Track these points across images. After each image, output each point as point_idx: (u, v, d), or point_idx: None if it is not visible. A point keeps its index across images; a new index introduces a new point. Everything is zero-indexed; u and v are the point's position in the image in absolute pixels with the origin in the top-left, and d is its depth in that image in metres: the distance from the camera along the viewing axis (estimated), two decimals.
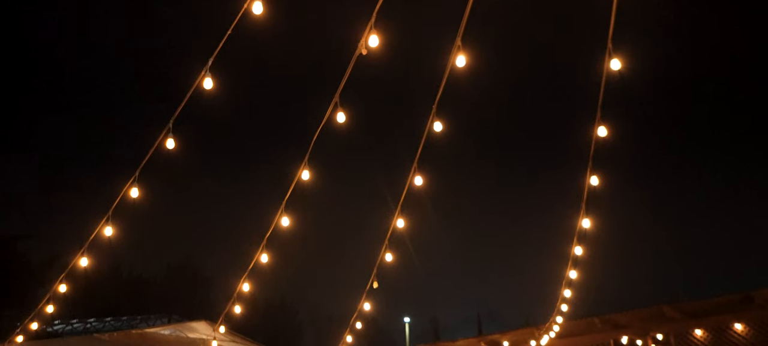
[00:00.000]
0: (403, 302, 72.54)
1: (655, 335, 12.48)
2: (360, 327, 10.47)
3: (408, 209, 7.57)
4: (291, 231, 7.17)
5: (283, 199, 6.78)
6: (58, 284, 7.52)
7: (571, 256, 8.21)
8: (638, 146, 57.15)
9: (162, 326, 18.57)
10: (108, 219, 6.42)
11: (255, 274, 7.92)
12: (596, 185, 6.56)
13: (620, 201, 54.29)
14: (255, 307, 42.39)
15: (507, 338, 13.88)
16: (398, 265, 8.31)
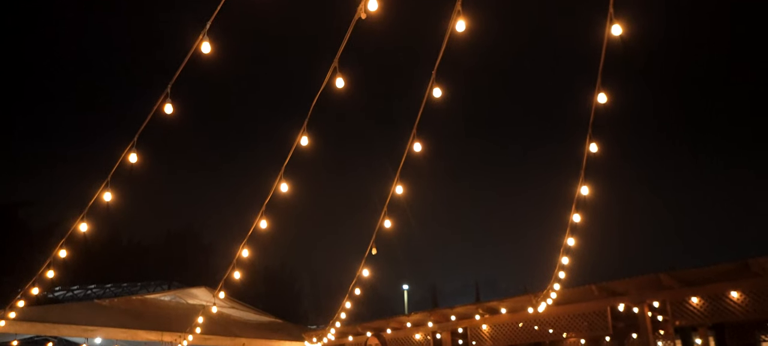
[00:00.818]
0: (402, 270, 72.87)
1: (652, 302, 12.54)
2: (359, 293, 10.55)
3: (407, 176, 7.59)
4: (290, 197, 7.18)
5: (283, 165, 6.78)
6: (58, 249, 7.55)
7: (569, 223, 8.24)
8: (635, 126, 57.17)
9: (162, 293, 18.69)
10: (107, 184, 6.43)
11: (254, 240, 7.96)
12: (595, 151, 6.56)
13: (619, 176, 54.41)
14: (255, 274, 42.68)
15: (505, 305, 13.98)
16: (397, 232, 8.35)
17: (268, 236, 7.98)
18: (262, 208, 7.23)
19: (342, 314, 12.85)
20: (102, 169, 6.69)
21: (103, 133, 57.36)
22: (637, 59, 7.63)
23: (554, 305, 12.79)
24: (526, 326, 14.06)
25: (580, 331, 13.18)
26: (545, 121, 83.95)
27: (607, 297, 12.66)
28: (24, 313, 12.70)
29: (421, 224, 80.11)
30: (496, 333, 14.54)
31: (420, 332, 15.85)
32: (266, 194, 7.29)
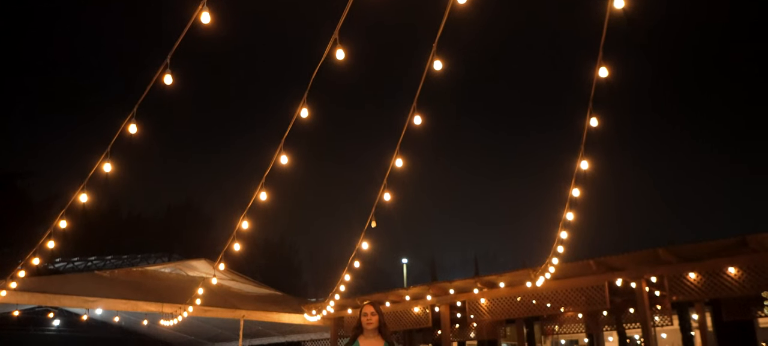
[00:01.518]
0: (402, 244, 73.14)
1: (650, 277, 12.60)
2: (358, 266, 10.60)
3: (407, 149, 7.59)
4: (290, 169, 7.19)
5: (282, 137, 6.78)
6: (58, 220, 7.57)
7: (568, 198, 8.26)
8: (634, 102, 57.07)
9: (162, 265, 18.78)
10: (107, 155, 6.43)
11: (254, 212, 7.98)
12: (596, 125, 6.55)
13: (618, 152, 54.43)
14: (254, 247, 42.88)
15: (503, 279, 14.04)
16: (397, 206, 8.37)
17: (268, 208, 8.00)
18: (261, 180, 7.24)
19: (341, 286, 12.92)
20: (102, 140, 6.70)
21: (102, 106, 57.33)
22: (639, 33, 7.59)
23: (552, 279, 12.85)
24: (524, 300, 14.15)
25: (578, 305, 13.25)
26: (546, 96, 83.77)
27: (605, 272, 12.72)
28: (25, 283, 12.77)
29: (421, 199, 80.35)
30: (494, 307, 14.63)
31: (418, 306, 15.95)
32: (266, 167, 7.30)
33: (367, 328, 5.09)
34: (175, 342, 25.63)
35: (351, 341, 5.15)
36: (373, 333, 5.10)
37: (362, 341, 5.10)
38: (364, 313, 5.16)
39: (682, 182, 74.17)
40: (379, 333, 5.13)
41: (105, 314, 19.77)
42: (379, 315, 5.16)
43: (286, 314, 18.00)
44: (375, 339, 5.09)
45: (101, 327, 23.42)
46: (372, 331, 5.10)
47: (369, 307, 5.21)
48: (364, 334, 5.13)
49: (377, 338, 5.10)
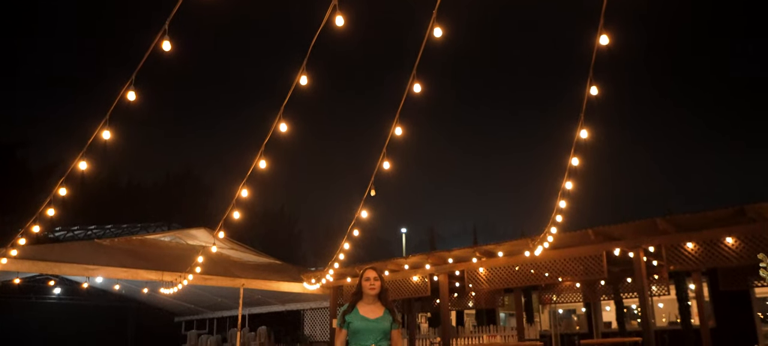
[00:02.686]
0: (401, 213, 73.37)
1: (647, 247, 12.64)
2: (357, 235, 10.63)
3: (407, 117, 7.57)
4: (290, 138, 7.17)
5: (282, 105, 6.75)
6: (58, 187, 7.57)
7: (567, 167, 8.25)
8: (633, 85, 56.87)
9: (162, 233, 18.83)
10: (106, 122, 6.41)
11: (254, 180, 7.98)
12: (596, 94, 6.53)
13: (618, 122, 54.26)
14: (254, 216, 42.97)
15: (502, 249, 14.09)
16: (396, 174, 8.37)
17: (268, 177, 8.00)
18: (261, 147, 7.23)
19: (340, 255, 12.97)
20: (101, 108, 6.68)
21: (102, 73, 57.08)
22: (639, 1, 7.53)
23: (551, 249, 12.89)
24: (523, 269, 14.22)
25: (576, 275, 13.32)
26: (547, 66, 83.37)
27: (603, 242, 12.76)
28: (26, 252, 12.82)
29: (421, 169, 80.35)
30: (492, 276, 14.71)
31: (418, 275, 16.03)
32: (265, 135, 7.28)
33: (369, 293, 4.88)
34: (176, 310, 25.83)
35: (350, 306, 4.93)
36: (373, 299, 4.90)
37: (362, 307, 4.90)
38: (367, 278, 4.92)
39: (681, 155, 74.25)
40: (379, 299, 4.93)
41: (105, 283, 19.88)
42: (381, 281, 4.95)
43: (285, 283, 18.10)
44: (375, 305, 4.90)
45: (101, 295, 23.58)
46: (373, 297, 4.89)
47: (372, 272, 4.98)
48: (364, 299, 4.93)
49: (377, 304, 4.91)
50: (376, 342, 4.75)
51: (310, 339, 22.78)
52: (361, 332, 4.77)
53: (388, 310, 4.90)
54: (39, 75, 61.87)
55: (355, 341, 4.80)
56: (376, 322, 4.79)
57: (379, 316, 4.83)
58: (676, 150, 75.41)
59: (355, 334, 4.80)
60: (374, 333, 4.76)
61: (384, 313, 4.86)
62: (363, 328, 4.77)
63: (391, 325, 4.86)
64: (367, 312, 4.84)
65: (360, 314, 4.84)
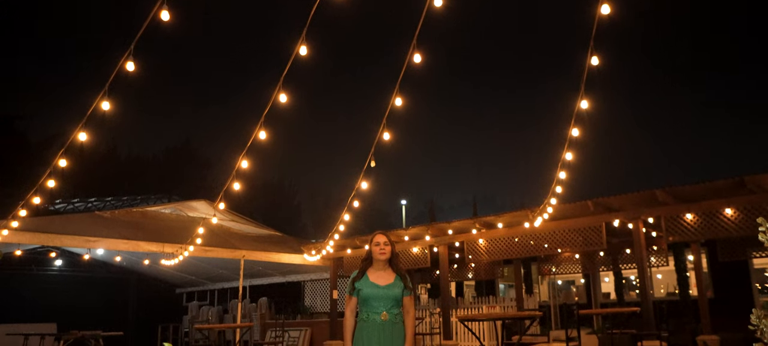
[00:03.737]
0: (401, 185, 73.52)
1: (647, 218, 12.68)
2: (357, 206, 10.65)
3: (406, 88, 7.54)
4: (289, 109, 7.15)
5: (281, 75, 6.73)
6: (58, 158, 7.57)
7: (567, 137, 8.24)
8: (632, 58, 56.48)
9: (162, 205, 18.86)
10: (105, 93, 6.39)
11: (254, 151, 7.96)
12: (597, 64, 6.49)
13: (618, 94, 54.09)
14: (254, 188, 43.04)
15: (501, 220, 14.13)
16: (396, 146, 8.36)
17: (268, 148, 7.99)
18: (261, 118, 7.21)
19: (340, 226, 13.00)
20: (100, 79, 6.65)
21: (101, 44, 56.83)
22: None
23: (550, 220, 12.93)
24: (522, 240, 14.27)
25: (575, 246, 13.37)
26: (548, 40, 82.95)
27: (603, 213, 12.79)
28: (27, 223, 12.85)
29: (421, 142, 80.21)
30: (492, 247, 14.78)
31: (417, 246, 16.10)
32: (265, 106, 7.26)
33: (379, 258, 4.68)
34: (177, 282, 25.97)
35: (360, 273, 4.74)
36: (383, 265, 4.71)
37: (372, 273, 4.71)
38: (376, 242, 4.73)
39: (680, 132, 74.28)
40: (390, 265, 4.74)
41: (106, 254, 19.96)
42: (391, 246, 4.78)
43: (285, 254, 18.18)
44: (386, 271, 4.71)
45: (103, 267, 23.69)
46: (383, 262, 4.70)
47: (382, 236, 4.80)
48: (374, 265, 4.73)
49: (388, 270, 4.73)
50: (387, 309, 4.58)
51: (311, 310, 22.93)
52: (371, 299, 4.61)
53: (399, 276, 4.72)
54: (38, 46, 61.57)
55: (366, 309, 4.63)
56: (387, 288, 4.63)
57: (390, 282, 4.66)
58: (676, 124, 75.43)
59: (365, 301, 4.64)
60: (385, 300, 4.60)
61: (395, 279, 4.69)
62: (373, 295, 4.60)
63: (403, 291, 4.68)
64: (378, 278, 4.67)
65: (370, 280, 4.67)
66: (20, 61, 56.91)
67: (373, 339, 4.51)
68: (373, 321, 4.55)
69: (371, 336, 4.51)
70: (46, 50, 63.06)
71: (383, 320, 4.54)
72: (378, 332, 4.51)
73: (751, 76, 71.15)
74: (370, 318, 4.57)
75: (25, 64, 58.28)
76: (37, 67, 60.07)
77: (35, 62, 60.12)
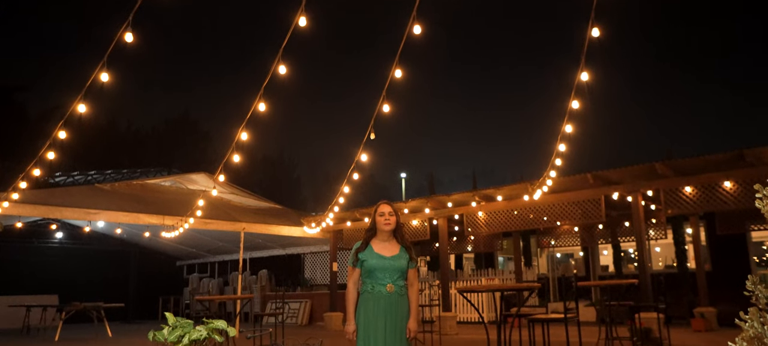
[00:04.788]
0: (400, 159, 73.54)
1: (646, 191, 12.71)
2: (357, 178, 10.67)
3: (407, 61, 7.52)
4: (289, 81, 7.14)
5: (281, 46, 6.70)
6: (57, 130, 7.57)
7: (567, 109, 8.24)
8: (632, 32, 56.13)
9: (162, 178, 18.88)
10: (104, 64, 6.38)
11: (254, 124, 7.97)
12: (598, 36, 6.47)
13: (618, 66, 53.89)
14: (254, 162, 43.07)
15: (501, 193, 14.16)
16: (396, 119, 8.36)
17: (268, 121, 7.99)
18: (260, 90, 7.20)
19: (340, 199, 13.04)
20: (100, 51, 6.63)
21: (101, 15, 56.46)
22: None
23: (549, 193, 12.96)
24: (522, 213, 14.31)
25: (574, 219, 13.41)
26: (548, 13, 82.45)
27: (602, 186, 12.81)
28: (27, 196, 12.89)
29: (421, 116, 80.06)
30: (491, 220, 14.82)
31: (417, 219, 16.14)
32: (265, 78, 7.25)
33: (384, 229, 4.50)
34: (177, 254, 26.08)
35: (364, 244, 4.55)
36: (388, 236, 4.54)
37: (376, 244, 4.53)
38: (381, 212, 4.56)
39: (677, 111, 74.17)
40: (394, 236, 4.57)
41: (107, 227, 20.03)
42: (396, 216, 4.58)
43: (285, 227, 18.24)
44: (390, 243, 4.54)
45: (103, 239, 23.78)
46: (388, 233, 4.52)
47: (387, 206, 4.61)
48: (378, 236, 4.56)
49: (392, 241, 4.55)
50: (393, 281, 4.42)
51: (311, 282, 23.07)
52: (376, 270, 4.43)
53: (404, 247, 4.56)
54: (37, 18, 61.15)
55: (370, 281, 4.46)
56: (393, 260, 4.46)
57: (395, 253, 4.49)
58: (674, 104, 75.31)
59: (370, 273, 4.46)
60: (390, 272, 4.43)
61: (400, 250, 4.51)
62: (379, 266, 4.43)
63: (408, 263, 4.51)
64: (383, 249, 4.49)
65: (375, 251, 4.49)
66: (19, 33, 56.56)
67: (378, 311, 4.37)
68: (379, 293, 4.40)
69: (376, 309, 4.37)
70: (46, 20, 62.63)
71: (389, 292, 4.39)
72: (383, 305, 4.38)
73: (750, 55, 70.89)
74: (375, 290, 4.42)
75: (25, 35, 57.93)
76: (36, 39, 59.72)
77: (34, 33, 59.73)
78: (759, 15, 63.99)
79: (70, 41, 66.59)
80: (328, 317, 17.48)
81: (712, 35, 73.14)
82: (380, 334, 4.32)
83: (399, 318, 4.39)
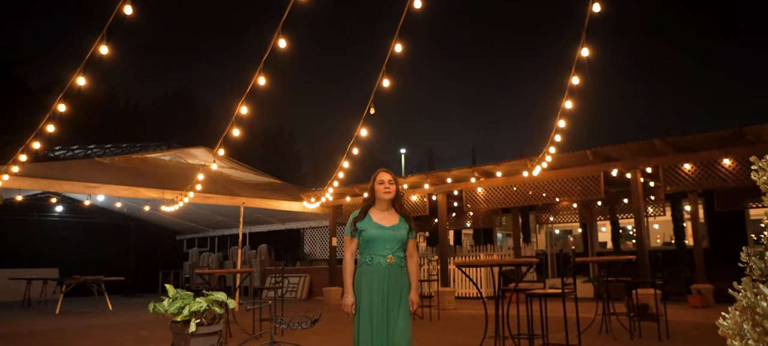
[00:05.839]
0: (400, 134, 73.50)
1: (645, 168, 12.72)
2: (357, 153, 10.67)
3: (407, 37, 7.49)
4: (289, 55, 7.12)
5: (281, 20, 6.67)
6: (57, 103, 7.56)
7: (567, 85, 8.22)
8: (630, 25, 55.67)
9: (162, 152, 18.89)
10: (103, 37, 6.35)
11: (253, 98, 7.95)
12: (598, 11, 6.44)
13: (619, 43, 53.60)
14: (254, 136, 43.06)
15: (500, 169, 14.18)
16: (396, 95, 8.35)
17: (267, 95, 7.98)
18: (260, 63, 7.18)
19: (340, 173, 13.05)
20: (99, 24, 6.60)
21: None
22: None
23: (549, 169, 12.97)
24: (521, 189, 14.34)
25: (573, 195, 13.44)
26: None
27: (601, 162, 12.83)
28: (27, 169, 12.90)
29: (421, 91, 79.81)
30: (490, 196, 14.86)
31: (416, 194, 16.18)
32: (265, 51, 7.23)
33: (384, 198, 4.32)
34: (177, 228, 26.17)
35: (362, 213, 4.36)
36: (387, 205, 4.36)
37: (375, 213, 4.34)
38: (380, 180, 4.37)
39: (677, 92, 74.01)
40: (393, 206, 4.40)
41: (107, 201, 20.07)
42: (396, 184, 4.41)
43: (285, 202, 18.28)
44: (389, 212, 4.36)
45: (103, 213, 23.84)
46: (387, 202, 4.35)
47: (386, 174, 4.43)
48: (377, 205, 4.39)
49: (392, 211, 4.38)
50: (392, 252, 4.22)
51: (310, 257, 23.17)
52: (375, 241, 4.23)
53: (403, 217, 4.37)
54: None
55: (369, 251, 4.25)
56: (393, 230, 4.27)
57: (394, 223, 4.30)
58: (673, 85, 75.19)
59: (368, 243, 4.25)
60: (390, 242, 4.24)
61: (400, 220, 4.34)
62: (378, 236, 4.23)
63: (408, 233, 4.32)
64: (382, 219, 4.30)
65: (374, 221, 4.29)
66: (19, 4, 56.21)
67: (377, 283, 4.16)
68: (378, 264, 4.19)
69: (375, 280, 4.17)
70: None
71: (389, 264, 4.19)
72: (382, 276, 4.17)
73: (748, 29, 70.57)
74: (374, 261, 4.21)
75: (24, 6, 57.57)
76: (35, 11, 59.35)
77: (34, 6, 59.36)
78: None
79: (68, 15, 66.16)
80: (327, 292, 17.58)
81: (711, 19, 72.85)
82: (380, 307, 4.13)
83: (399, 290, 4.20)
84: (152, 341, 9.56)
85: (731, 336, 1.84)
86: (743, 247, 2.03)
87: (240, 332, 10.04)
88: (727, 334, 1.87)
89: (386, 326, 4.12)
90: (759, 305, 1.75)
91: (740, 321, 1.80)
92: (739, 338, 1.79)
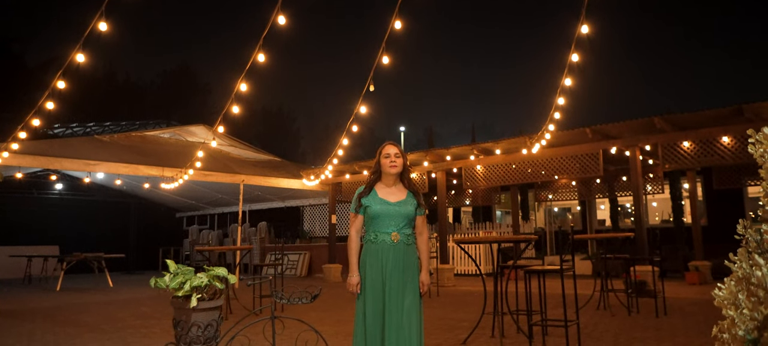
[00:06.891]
0: (399, 112, 73.38)
1: (644, 146, 12.73)
2: (356, 130, 10.68)
3: (407, 14, 7.47)
4: (288, 33, 7.10)
5: None
6: (56, 79, 7.55)
7: (567, 62, 8.21)
8: None
9: (161, 130, 18.88)
10: (102, 14, 6.34)
11: (253, 75, 7.95)
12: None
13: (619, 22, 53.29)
14: (253, 114, 42.99)
15: (499, 146, 14.19)
16: (396, 73, 8.33)
17: (266, 72, 7.96)
18: (260, 40, 7.17)
19: (339, 151, 13.07)
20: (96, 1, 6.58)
21: None
22: None
23: (548, 147, 12.98)
24: (520, 167, 14.37)
25: (572, 173, 13.46)
26: None
27: (600, 140, 12.83)
28: (27, 147, 12.90)
29: (421, 69, 79.63)
30: (489, 174, 14.88)
31: (416, 172, 16.19)
32: (264, 28, 7.21)
33: (390, 172, 4.12)
34: (177, 206, 26.22)
35: (367, 188, 4.17)
36: (394, 180, 4.17)
37: (380, 189, 4.16)
38: (386, 154, 4.16)
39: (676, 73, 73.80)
40: (400, 180, 4.21)
41: (106, 178, 20.09)
42: (403, 158, 4.19)
43: (284, 179, 18.29)
44: (396, 187, 4.17)
45: (103, 190, 23.88)
46: (393, 177, 4.15)
47: (393, 147, 4.21)
48: (383, 180, 4.19)
49: (398, 185, 4.19)
50: (398, 229, 4.05)
51: (310, 234, 23.24)
52: (381, 217, 4.04)
53: (411, 192, 4.18)
54: None
55: (375, 228, 4.07)
56: (399, 205, 4.08)
57: (401, 199, 4.12)
58: (672, 67, 75.00)
59: (374, 219, 4.06)
60: (396, 218, 4.05)
61: (407, 196, 4.14)
62: (383, 212, 4.04)
63: (417, 209, 4.14)
64: (388, 194, 4.11)
65: (379, 196, 4.11)
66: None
67: (382, 263, 3.98)
68: (383, 242, 4.00)
69: (380, 259, 3.99)
70: None
71: (394, 242, 4.00)
72: (388, 255, 3.98)
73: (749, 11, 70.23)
74: (378, 239, 4.02)
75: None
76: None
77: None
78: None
79: None
80: (327, 269, 17.66)
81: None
82: (386, 287, 3.94)
83: (405, 269, 4.00)
84: (153, 316, 9.63)
85: (726, 306, 1.87)
86: (740, 219, 2.05)
87: (240, 308, 10.11)
88: (723, 304, 1.90)
89: (392, 307, 3.91)
90: (754, 275, 1.78)
91: (736, 291, 1.83)
92: (733, 308, 1.82)
